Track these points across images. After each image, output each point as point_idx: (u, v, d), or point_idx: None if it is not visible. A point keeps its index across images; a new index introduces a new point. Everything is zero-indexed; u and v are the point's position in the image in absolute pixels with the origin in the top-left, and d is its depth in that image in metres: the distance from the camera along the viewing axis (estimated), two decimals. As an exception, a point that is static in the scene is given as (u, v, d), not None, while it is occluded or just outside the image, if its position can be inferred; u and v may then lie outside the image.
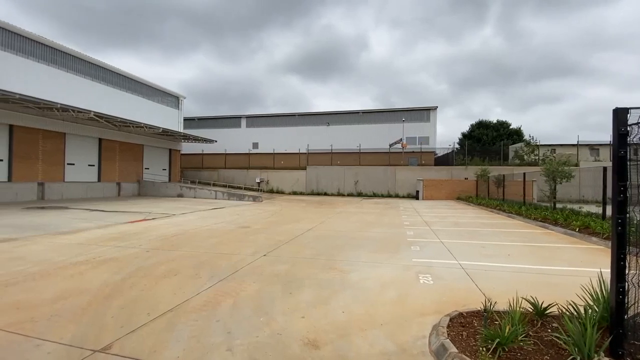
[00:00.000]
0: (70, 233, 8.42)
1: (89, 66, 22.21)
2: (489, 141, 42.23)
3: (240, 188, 28.89)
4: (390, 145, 30.57)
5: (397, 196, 27.59)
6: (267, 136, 37.67)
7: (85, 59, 21.87)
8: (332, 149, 30.91)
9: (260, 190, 29.91)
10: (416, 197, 25.73)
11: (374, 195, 27.93)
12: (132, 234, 8.36)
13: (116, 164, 23.87)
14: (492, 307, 3.23)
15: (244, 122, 39.26)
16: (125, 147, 24.60)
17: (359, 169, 28.98)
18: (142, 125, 21.99)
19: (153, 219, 11.61)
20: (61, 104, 16.67)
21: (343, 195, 28.60)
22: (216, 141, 31.17)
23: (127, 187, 24.63)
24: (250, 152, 35.66)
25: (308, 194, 29.30)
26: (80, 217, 11.50)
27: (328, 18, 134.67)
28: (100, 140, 22.55)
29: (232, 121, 39.63)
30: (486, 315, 3.11)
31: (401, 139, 30.19)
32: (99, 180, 22.50)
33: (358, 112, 36.26)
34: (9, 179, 17.25)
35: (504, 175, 19.19)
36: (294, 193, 29.90)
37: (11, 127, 17.32)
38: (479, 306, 3.48)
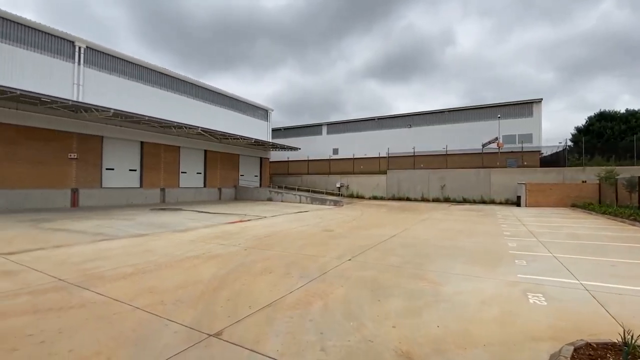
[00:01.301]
0: (184, 231, 9.92)
1: (195, 88, 26.05)
2: (614, 136, 34.59)
3: (322, 192, 29.88)
4: (484, 146, 27.63)
5: (492, 202, 24.73)
6: (346, 142, 38.20)
7: (192, 82, 25.73)
8: (414, 152, 29.54)
9: (341, 195, 30.39)
10: (517, 204, 22.62)
11: (464, 201, 25.59)
12: (232, 234, 9.40)
13: (217, 172, 27.35)
14: (634, 340, 2.60)
15: (324, 129, 40.63)
16: (225, 156, 28.03)
17: (445, 172, 26.99)
18: (238, 137, 24.71)
19: (248, 220, 12.85)
20: (177, 123, 19.93)
21: (427, 200, 26.99)
22: (300, 148, 32.98)
23: (226, 192, 27.94)
24: (331, 157, 36.63)
25: (389, 199, 28.55)
26: (191, 218, 13.46)
27: (409, 18, 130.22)
28: (205, 151, 26.18)
29: (313, 129, 41.43)
30: (627, 349, 2.52)
31: (496, 138, 27.02)
32: (204, 186, 26.10)
33: (443, 112, 33.91)
34: (141, 185, 21.32)
35: (639, 177, 15.42)
36: (374, 198, 29.49)
37: (142, 143, 21.44)
38: (613, 337, 2.84)
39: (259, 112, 33.03)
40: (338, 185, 31.29)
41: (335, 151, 38.43)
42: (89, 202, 18.15)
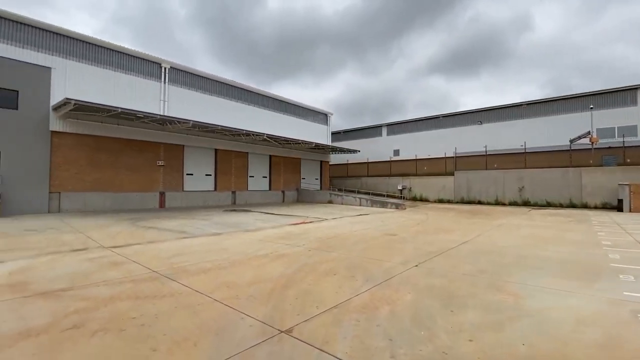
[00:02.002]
0: (254, 231, 10.58)
1: (261, 98, 27.73)
2: None
3: (382, 195, 29.23)
4: (572, 141, 24.08)
5: (584, 206, 21.41)
6: (408, 142, 36.81)
7: (258, 92, 27.44)
8: (486, 151, 27.12)
9: (403, 198, 29.34)
10: (618, 208, 19.22)
11: (548, 205, 22.62)
12: (295, 235, 9.74)
13: (281, 175, 28.69)
14: None
15: (384, 130, 39.78)
16: (288, 161, 29.28)
17: (523, 172, 24.21)
18: (300, 142, 25.60)
19: (310, 222, 13.19)
20: (245, 130, 21.45)
21: (502, 204, 24.51)
22: (359, 151, 32.81)
23: (289, 194, 29.12)
24: (392, 159, 35.64)
25: (457, 202, 26.65)
26: (258, 219, 14.32)
27: (476, 7, 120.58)
28: (270, 156, 27.69)
29: (373, 131, 40.85)
30: None
31: (589, 132, 23.33)
32: (269, 189, 27.58)
33: (520, 105, 30.51)
34: (215, 188, 23.41)
35: None
36: (440, 201, 27.81)
37: (216, 150, 23.55)
38: None
39: (319, 116, 33.77)
40: (400, 188, 30.29)
41: (396, 152, 37.31)
42: (173, 203, 20.56)
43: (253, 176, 26.31)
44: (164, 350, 2.85)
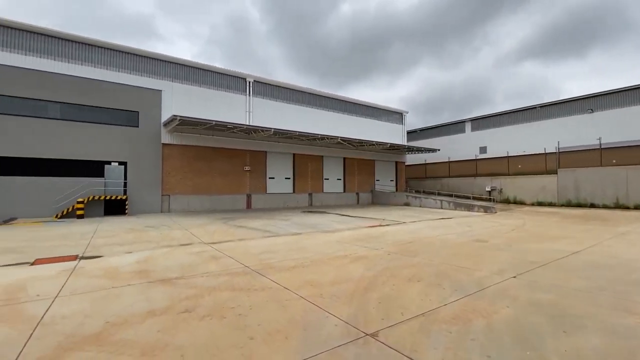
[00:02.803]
0: (331, 232, 10.81)
1: (334, 102, 28.24)
2: None
3: (467, 197, 26.82)
4: None
5: None
6: (496, 138, 33.04)
7: (331, 97, 28.02)
8: (600, 144, 22.63)
9: (492, 200, 26.43)
10: None
11: (696, 209, 17.72)
12: (373, 237, 9.61)
13: (355, 177, 28.73)
14: None
15: (468, 126, 36.48)
16: (361, 162, 29.20)
17: (656, 168, 19.47)
18: (374, 143, 25.28)
19: (387, 225, 12.87)
20: (320, 135, 22.14)
21: (625, 207, 20.12)
22: (439, 150, 30.78)
23: (363, 196, 28.97)
24: (477, 157, 32.45)
25: (561, 205, 22.85)
26: (334, 220, 14.57)
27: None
28: (344, 159, 28.01)
29: (454, 127, 37.85)
30: None
31: None
32: (344, 191, 27.89)
33: (648, 86, 24.63)
34: (293, 191, 24.70)
35: None
36: (539, 204, 24.21)
37: (293, 155, 24.85)
38: None
39: (394, 116, 32.81)
40: (488, 189, 27.39)
41: (483, 150, 33.83)
42: (258, 204, 22.38)
43: (328, 178, 26.94)
44: (260, 340, 3.10)
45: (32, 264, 6.40)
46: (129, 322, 3.53)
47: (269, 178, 23.46)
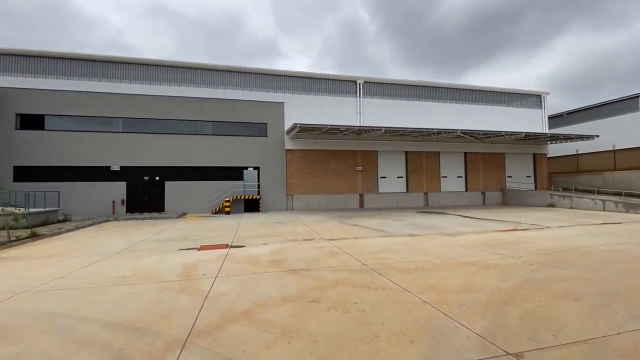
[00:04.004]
0: (453, 235, 9.91)
1: (451, 91, 25.78)
2: None
3: (645, 196, 20.21)
4: None
5: None
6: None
7: (447, 87, 25.67)
8: None
9: (692, 200, 19.13)
10: None
11: None
12: (506, 243, 8.32)
13: (479, 174, 25.54)
14: None
15: (643, 102, 27.48)
16: (487, 157, 25.72)
17: None
18: (503, 133, 21.90)
19: (524, 229, 10.94)
20: (436, 129, 20.62)
21: None
22: (597, 136, 24.27)
23: (491, 196, 25.45)
24: (662, 143, 24.10)
25: None
26: (456, 222, 13.31)
27: None
28: (465, 154, 25.28)
29: (621, 105, 29.09)
30: None
31: None
32: (465, 189, 25.17)
33: None
34: (407, 190, 23.80)
35: None
36: None
37: (406, 153, 23.94)
38: None
39: (529, 99, 27.67)
40: (682, 185, 19.98)
41: (671, 132, 24.90)
42: (370, 204, 22.56)
43: (446, 176, 24.83)
44: (384, 339, 3.10)
45: (199, 249, 8.17)
46: (269, 304, 4.08)
47: (381, 177, 23.30)
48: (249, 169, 20.88)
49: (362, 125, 21.84)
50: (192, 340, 3.10)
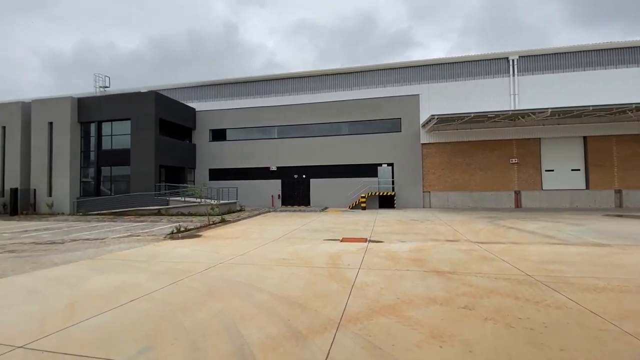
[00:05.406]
0: (672, 249, 7.09)
1: (667, 48, 18.38)
2: None
3: None
4: None
5: None
6: None
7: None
8: None
9: None
10: None
11: None
12: None
13: None
14: None
15: None
16: None
17: None
18: None
19: None
20: (635, 104, 15.18)
21: None
22: None
23: None
24: None
25: None
26: (677, 231, 9.46)
27: None
28: (690, 134, 17.65)
29: None
30: None
31: None
32: (692, 185, 17.56)
33: None
34: (586, 186, 18.54)
35: None
36: None
37: (584, 138, 18.65)
38: None
39: None
40: None
41: None
42: (530, 203, 18.76)
43: (655, 168, 17.98)
44: (566, 369, 2.52)
45: (341, 240, 8.79)
46: (415, 303, 3.98)
47: (545, 171, 19.01)
48: (383, 165, 20.98)
49: (517, 109, 18.39)
50: (344, 324, 3.37)
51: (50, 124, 20.48)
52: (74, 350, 2.91)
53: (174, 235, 10.05)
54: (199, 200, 17.45)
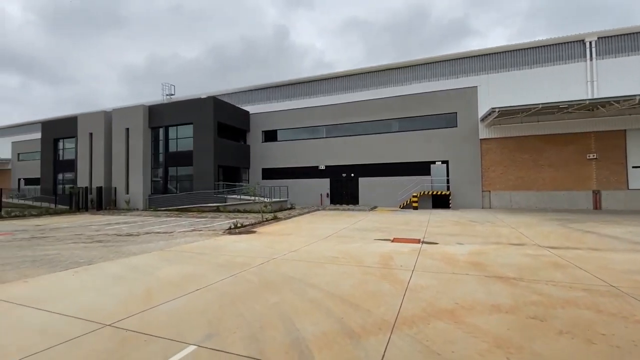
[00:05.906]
0: None
1: None
2: None
3: None
4: None
5: None
6: None
7: None
8: None
9: None
10: None
11: None
12: None
13: None
14: None
15: None
16: None
17: None
18: None
19: None
20: None
21: None
22: None
23: None
24: None
25: None
26: None
27: None
28: None
29: None
30: None
31: None
32: None
33: None
34: (689, 185, 15.64)
35: None
36: None
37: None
38: None
39: None
40: None
41: None
42: (613, 205, 16.40)
43: None
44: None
45: (392, 241, 8.58)
46: (476, 309, 3.73)
47: (633, 167, 16.45)
48: (436, 163, 19.97)
49: (597, 97, 16.19)
50: (399, 326, 3.29)
51: (127, 129, 23.13)
52: (151, 331, 3.26)
53: (231, 230, 10.71)
54: (253, 198, 18.34)
